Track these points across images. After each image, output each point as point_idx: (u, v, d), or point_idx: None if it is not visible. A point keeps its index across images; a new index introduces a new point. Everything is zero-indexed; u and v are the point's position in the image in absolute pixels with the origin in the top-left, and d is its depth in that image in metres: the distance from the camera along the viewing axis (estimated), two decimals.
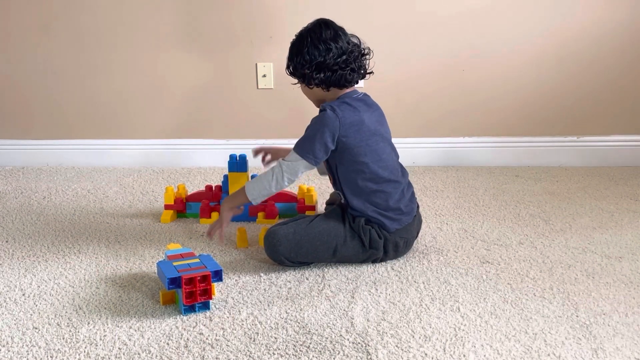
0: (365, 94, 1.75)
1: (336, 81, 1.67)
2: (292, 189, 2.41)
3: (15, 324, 1.40)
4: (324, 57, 1.65)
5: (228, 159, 2.06)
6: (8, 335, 1.36)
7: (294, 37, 1.73)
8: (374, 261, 1.71)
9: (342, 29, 1.71)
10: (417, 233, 1.81)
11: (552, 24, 2.67)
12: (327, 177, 1.84)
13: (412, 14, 2.69)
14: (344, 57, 1.66)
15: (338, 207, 1.76)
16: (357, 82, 1.73)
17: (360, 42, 1.72)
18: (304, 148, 1.65)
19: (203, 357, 1.26)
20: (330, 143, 1.64)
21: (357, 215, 1.69)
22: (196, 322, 1.40)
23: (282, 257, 1.65)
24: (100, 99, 2.88)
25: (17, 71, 2.89)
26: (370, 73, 1.76)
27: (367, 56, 1.73)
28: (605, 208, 2.15)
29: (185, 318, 1.42)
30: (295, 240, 1.64)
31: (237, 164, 2.04)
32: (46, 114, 2.92)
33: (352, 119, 1.64)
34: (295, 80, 1.76)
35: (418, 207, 1.81)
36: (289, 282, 1.60)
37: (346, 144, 1.65)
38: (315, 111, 1.74)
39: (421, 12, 2.69)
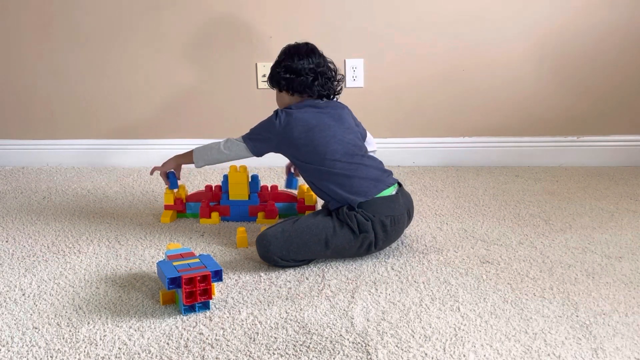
0: (325, 102, 1.87)
1: (298, 85, 1.83)
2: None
3: (15, 324, 1.40)
4: (294, 62, 1.83)
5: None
6: (8, 335, 1.36)
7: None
8: (369, 248, 1.71)
9: (321, 54, 1.88)
10: (409, 215, 1.81)
11: (552, 24, 2.67)
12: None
13: (412, 13, 2.69)
14: (312, 66, 1.83)
15: (325, 207, 1.82)
16: (319, 96, 1.85)
17: (335, 68, 1.90)
18: (250, 137, 1.85)
19: (203, 357, 1.26)
20: (270, 142, 1.82)
21: (334, 207, 1.74)
22: (196, 322, 1.40)
23: (275, 257, 1.67)
24: (100, 99, 2.88)
25: (17, 71, 2.89)
26: (337, 94, 1.92)
27: (339, 82, 1.90)
28: (605, 208, 2.15)
29: (185, 318, 1.42)
30: (284, 238, 1.67)
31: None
32: (46, 114, 2.92)
33: (289, 118, 1.78)
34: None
35: (401, 185, 1.83)
36: (289, 282, 1.60)
37: (290, 139, 1.78)
38: None
39: (421, 12, 2.69)
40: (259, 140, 1.83)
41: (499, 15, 2.68)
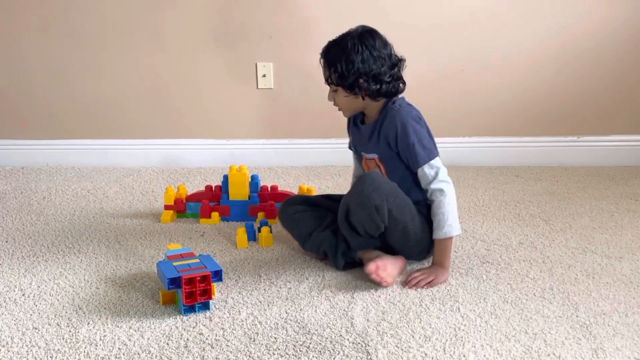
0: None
1: (388, 92, 1.63)
2: (293, 189, 2.42)
3: (15, 324, 1.40)
4: (379, 69, 1.59)
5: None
6: (8, 335, 1.36)
7: (336, 44, 1.61)
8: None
9: (386, 39, 1.65)
10: None
11: (552, 24, 2.67)
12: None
13: (412, 14, 2.69)
14: (396, 69, 1.63)
15: None
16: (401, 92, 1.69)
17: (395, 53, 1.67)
18: (432, 149, 1.64)
19: (203, 357, 1.26)
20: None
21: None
22: (196, 322, 1.40)
23: (377, 202, 1.53)
24: (100, 99, 2.88)
25: (17, 71, 2.89)
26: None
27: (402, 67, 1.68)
28: (605, 208, 2.15)
29: (185, 318, 1.42)
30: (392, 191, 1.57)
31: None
32: (46, 114, 2.92)
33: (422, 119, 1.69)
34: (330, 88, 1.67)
35: None
36: (289, 282, 1.60)
37: None
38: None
39: (421, 13, 2.69)
40: (435, 147, 1.65)
41: (499, 15, 2.68)
